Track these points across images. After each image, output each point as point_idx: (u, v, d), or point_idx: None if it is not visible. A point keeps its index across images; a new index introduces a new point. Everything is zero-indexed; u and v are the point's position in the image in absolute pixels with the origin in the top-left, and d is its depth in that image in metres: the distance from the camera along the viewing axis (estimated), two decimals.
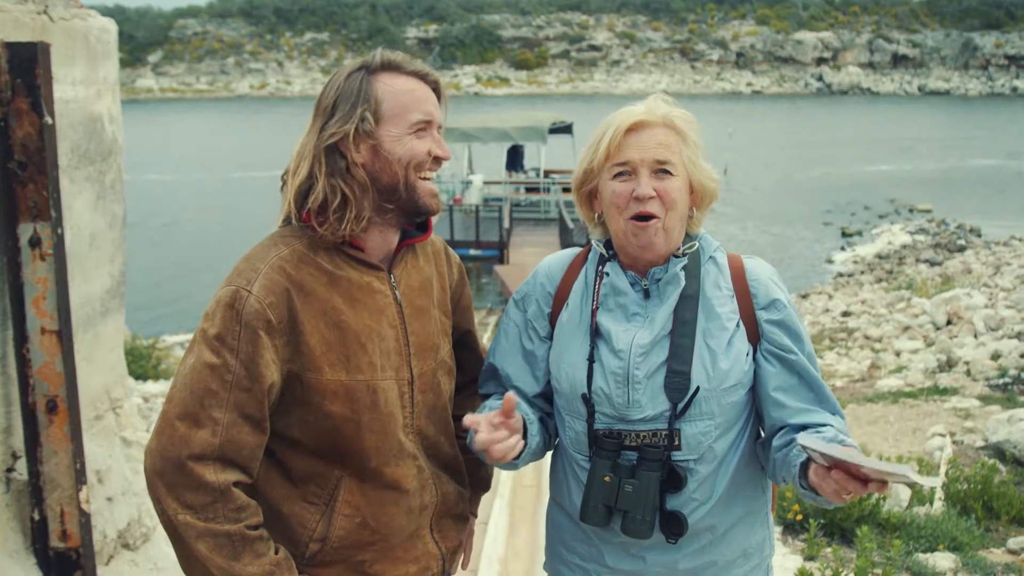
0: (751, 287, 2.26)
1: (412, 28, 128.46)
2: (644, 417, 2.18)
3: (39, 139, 2.64)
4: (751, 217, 37.19)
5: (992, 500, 6.31)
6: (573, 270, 2.41)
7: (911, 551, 5.36)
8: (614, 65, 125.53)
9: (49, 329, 2.71)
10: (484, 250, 25.04)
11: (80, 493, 2.84)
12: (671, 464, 2.18)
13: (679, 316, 2.21)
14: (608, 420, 2.22)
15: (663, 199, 2.18)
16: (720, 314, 2.22)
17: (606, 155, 2.21)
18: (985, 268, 23.51)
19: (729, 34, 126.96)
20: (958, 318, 15.43)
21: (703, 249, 2.32)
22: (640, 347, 2.19)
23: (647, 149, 2.19)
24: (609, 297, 2.28)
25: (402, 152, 2.11)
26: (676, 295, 2.21)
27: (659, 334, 2.20)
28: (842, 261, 29.60)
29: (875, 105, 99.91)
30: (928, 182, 45.10)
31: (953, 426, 9.20)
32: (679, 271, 2.23)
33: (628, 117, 2.21)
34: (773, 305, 2.25)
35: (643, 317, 2.24)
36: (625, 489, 2.17)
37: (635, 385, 2.18)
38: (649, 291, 2.26)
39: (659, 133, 2.20)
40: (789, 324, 2.24)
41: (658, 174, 2.19)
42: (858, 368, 13.79)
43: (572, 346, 2.29)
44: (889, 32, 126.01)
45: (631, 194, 2.18)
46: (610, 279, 2.28)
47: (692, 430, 2.18)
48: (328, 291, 2.07)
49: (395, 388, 2.15)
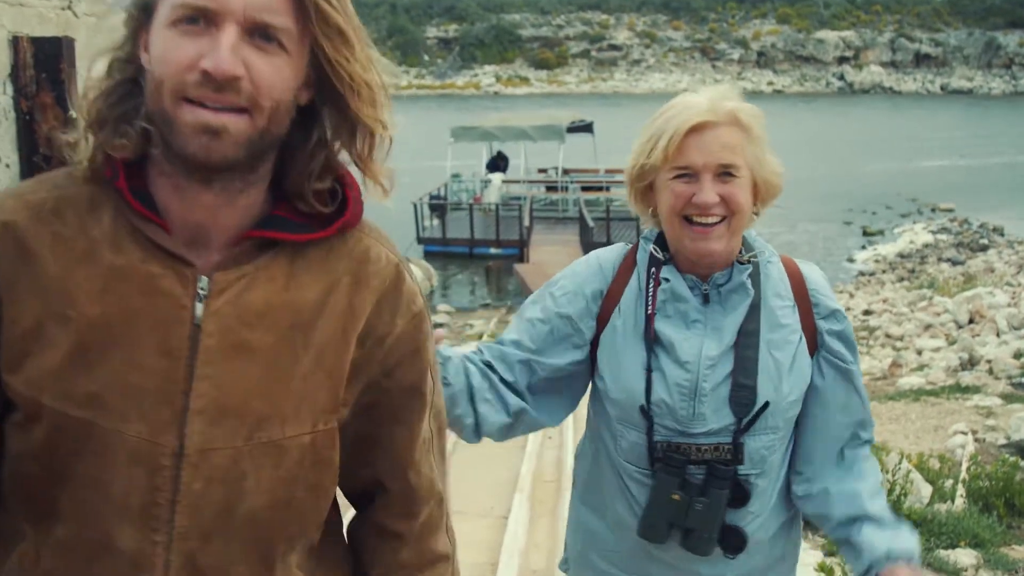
0: (812, 296, 2.17)
1: (432, 28, 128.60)
2: (708, 431, 2.07)
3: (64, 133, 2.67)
4: (772, 216, 36.80)
5: (1014, 497, 6.28)
6: (626, 271, 2.23)
7: (932, 547, 5.34)
8: (634, 64, 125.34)
9: None
10: (504, 249, 25.09)
11: None
12: (737, 480, 2.09)
13: (744, 327, 2.09)
14: (668, 433, 2.10)
15: (728, 203, 2.03)
16: (784, 325, 2.11)
17: (664, 156, 2.04)
18: (1008, 267, 23.36)
19: (750, 33, 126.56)
20: (980, 317, 15.35)
21: (761, 255, 2.19)
22: (709, 359, 2.07)
23: (711, 152, 2.02)
24: (668, 303, 2.12)
25: (155, 56, 1.27)
26: (745, 305, 2.09)
27: (727, 344, 2.08)
28: (864, 260, 29.42)
29: (897, 104, 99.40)
30: (950, 181, 44.81)
31: (975, 424, 9.16)
32: (745, 279, 2.10)
33: (690, 116, 2.02)
34: (834, 316, 2.16)
35: (703, 324, 2.10)
36: (695, 508, 2.07)
37: (702, 398, 2.07)
38: (709, 296, 2.12)
39: (723, 133, 2.03)
40: (848, 335, 2.19)
41: (722, 177, 2.03)
42: (880, 366, 13.74)
43: (628, 354, 2.14)
44: (911, 31, 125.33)
45: (692, 198, 2.03)
46: (670, 284, 2.12)
47: (755, 444, 2.09)
48: (69, 265, 1.30)
49: (141, 456, 1.27)
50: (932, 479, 6.81)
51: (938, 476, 6.98)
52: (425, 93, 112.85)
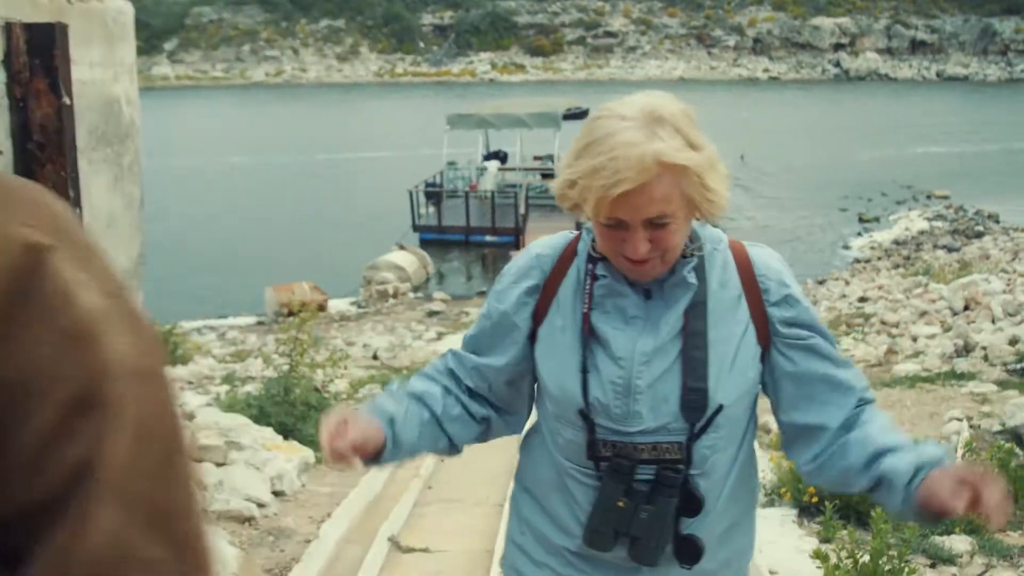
0: (760, 282, 2.04)
1: (427, 15, 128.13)
2: (643, 429, 1.98)
3: (58, 120, 2.66)
4: (768, 203, 37.05)
5: (1009, 483, 6.27)
6: (565, 263, 2.11)
7: (927, 533, 5.35)
8: (630, 52, 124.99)
9: None
10: (500, 236, 25.16)
11: None
12: (688, 488, 2.00)
13: (690, 325, 1.98)
14: (605, 431, 2.01)
15: (659, 247, 1.91)
16: (728, 318, 2.01)
17: (595, 209, 1.88)
18: (1003, 254, 23.38)
19: (746, 20, 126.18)
20: (976, 303, 15.35)
21: (706, 243, 2.07)
22: (643, 355, 1.97)
23: (640, 209, 1.86)
24: (606, 299, 2.02)
25: None
26: (686, 300, 1.99)
27: (663, 340, 1.98)
28: (859, 247, 29.47)
29: (893, 91, 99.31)
30: (946, 168, 44.84)
31: (970, 411, 9.17)
32: (688, 272, 1.99)
33: (618, 181, 1.82)
34: (785, 301, 2.04)
35: (643, 320, 2.00)
36: (640, 516, 1.98)
37: (636, 396, 1.97)
38: (651, 291, 2.01)
39: (655, 189, 1.85)
40: (803, 320, 2.05)
41: (654, 226, 1.88)
42: (875, 353, 13.74)
43: (564, 351, 2.04)
44: (907, 18, 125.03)
45: (622, 247, 1.91)
46: (608, 280, 2.02)
47: (699, 444, 2.00)
48: None
49: None
50: None
51: None
52: (420, 80, 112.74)
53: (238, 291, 24.74)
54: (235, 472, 5.67)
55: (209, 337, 20.25)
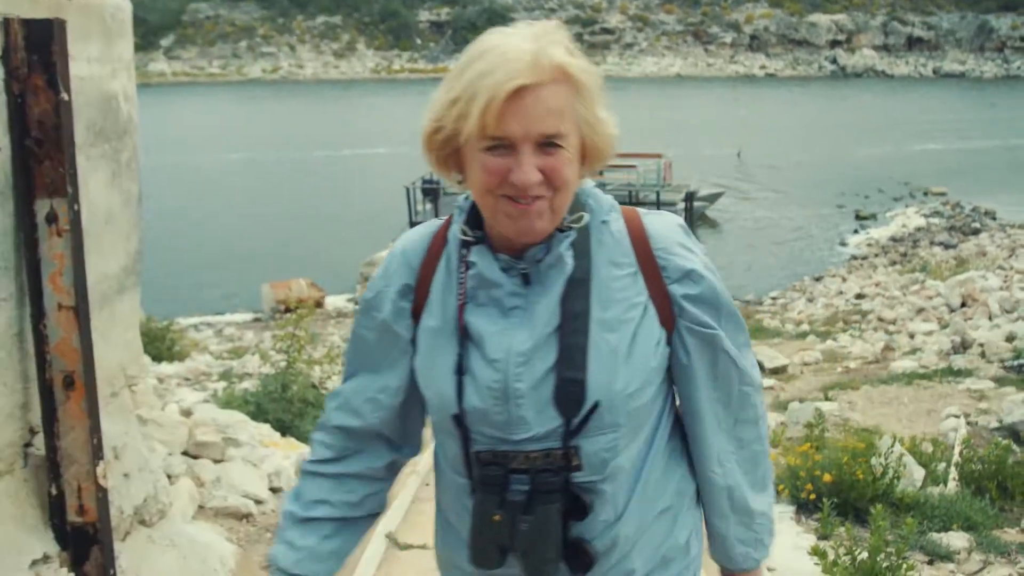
0: (658, 257, 1.79)
1: (424, 11, 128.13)
2: (532, 436, 1.75)
3: (55, 116, 2.65)
4: (764, 200, 37.07)
5: (1006, 480, 6.29)
6: (435, 254, 1.88)
7: (925, 530, 5.35)
8: (627, 48, 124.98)
9: (66, 305, 2.72)
10: None
11: (97, 468, 2.86)
12: (572, 490, 1.78)
13: (568, 308, 1.74)
14: (489, 441, 1.79)
15: (550, 179, 1.67)
16: (620, 299, 1.76)
17: (479, 126, 1.65)
18: (1000, 251, 23.43)
19: (742, 17, 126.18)
20: (973, 300, 15.38)
21: (593, 214, 1.82)
22: (520, 354, 1.74)
23: (533, 120, 1.64)
24: (479, 290, 1.79)
25: None
26: (561, 282, 1.74)
27: (542, 333, 1.74)
28: (856, 244, 29.53)
29: (889, 88, 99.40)
30: (943, 165, 44.89)
31: (967, 407, 9.18)
32: (564, 250, 1.75)
33: (510, 76, 1.62)
34: (688, 277, 1.79)
35: (524, 310, 1.76)
36: (520, 529, 1.75)
37: (518, 400, 1.74)
38: (530, 276, 1.77)
39: (549, 95, 1.65)
40: (709, 297, 1.81)
41: (544, 148, 1.66)
42: (872, 350, 13.77)
43: (438, 354, 1.82)
44: (904, 14, 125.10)
45: (508, 174, 1.67)
46: (478, 269, 1.78)
47: (593, 447, 1.76)
48: None
49: None
50: (925, 462, 6.83)
51: (931, 459, 7.00)
52: (418, 77, 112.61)
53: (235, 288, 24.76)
54: (232, 469, 5.66)
55: (206, 333, 20.26)
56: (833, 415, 9.07)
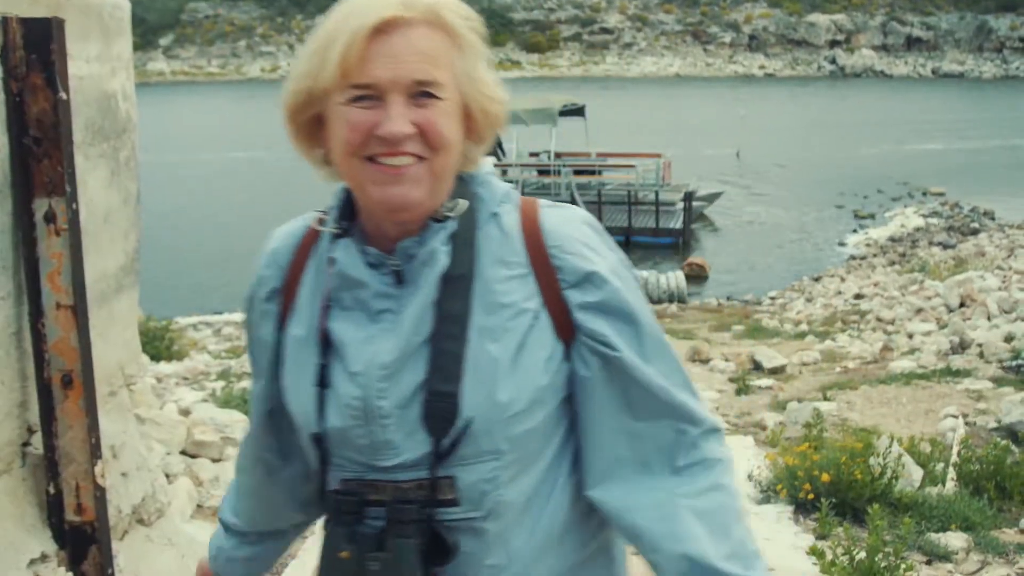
0: (552, 256, 1.50)
1: None
2: (402, 463, 1.48)
3: (54, 115, 2.65)
4: (763, 200, 37.09)
5: (1005, 480, 6.30)
6: (305, 251, 1.62)
7: (923, 530, 5.36)
8: (626, 48, 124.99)
9: (64, 304, 2.72)
10: None
11: (95, 467, 2.86)
12: (433, 526, 1.48)
13: (443, 311, 1.46)
14: (355, 468, 1.52)
15: (426, 135, 1.42)
16: (507, 304, 1.47)
17: (340, 71, 1.40)
18: (999, 251, 23.44)
19: (742, 16, 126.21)
20: (971, 300, 15.38)
21: (481, 204, 1.55)
22: (383, 366, 1.47)
23: (402, 62, 1.40)
24: (343, 291, 1.52)
25: None
26: (433, 280, 1.46)
27: (413, 341, 1.46)
28: (855, 244, 29.54)
29: (889, 88, 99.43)
30: (941, 165, 44.91)
31: (966, 407, 9.18)
32: (439, 245, 1.47)
33: (374, 10, 1.40)
34: (588, 281, 1.48)
35: (394, 314, 1.48)
36: (370, 568, 1.46)
37: (382, 420, 1.47)
38: (403, 273, 1.49)
39: (420, 36, 1.42)
40: (613, 305, 1.49)
41: (418, 99, 1.41)
42: (870, 350, 13.77)
43: (300, 367, 1.56)
44: (903, 14, 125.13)
45: (375, 128, 1.40)
46: (340, 266, 1.52)
47: (470, 476, 1.47)
48: None
49: None
50: (923, 462, 6.83)
51: (929, 459, 7.00)
52: None
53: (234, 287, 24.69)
54: (231, 468, 5.67)
55: (205, 333, 20.25)
56: (831, 415, 9.07)
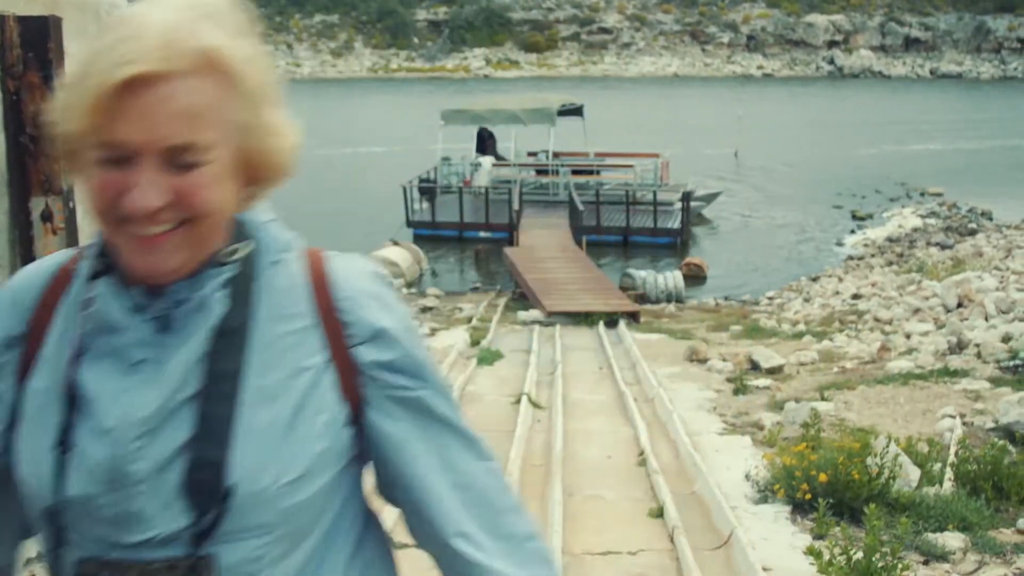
0: (341, 311, 1.35)
1: (422, 10, 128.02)
2: (152, 538, 1.24)
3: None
4: (761, 200, 37.07)
5: (1002, 480, 6.30)
6: (55, 292, 1.37)
7: (920, 530, 5.36)
8: (624, 48, 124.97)
9: None
10: (494, 232, 25.19)
11: None
12: None
13: (214, 367, 1.27)
14: (95, 545, 1.26)
15: (183, 205, 1.21)
16: (286, 362, 1.31)
17: (88, 122, 1.18)
18: (996, 251, 23.41)
19: (740, 17, 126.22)
20: (969, 300, 15.38)
21: (262, 250, 1.37)
22: (140, 423, 1.24)
23: (156, 125, 1.17)
24: (97, 337, 1.29)
25: None
26: (204, 331, 1.27)
27: (175, 397, 1.25)
28: (852, 244, 29.49)
29: (887, 88, 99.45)
30: (939, 165, 44.90)
31: (963, 408, 9.18)
32: (212, 293, 1.28)
33: (126, 62, 1.15)
34: (381, 338, 1.35)
35: (156, 365, 1.26)
36: None
37: (136, 487, 1.23)
38: (169, 319, 1.28)
39: (184, 93, 1.18)
40: (407, 367, 1.37)
41: (176, 167, 1.20)
42: (868, 350, 13.76)
43: (38, 423, 1.30)
44: (901, 15, 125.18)
45: (122, 196, 1.19)
46: (97, 307, 1.29)
47: (233, 556, 1.26)
48: None
49: None
50: (921, 462, 6.84)
51: (927, 459, 7.00)
52: (415, 76, 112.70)
53: None
54: None
55: None
56: (829, 415, 9.07)
